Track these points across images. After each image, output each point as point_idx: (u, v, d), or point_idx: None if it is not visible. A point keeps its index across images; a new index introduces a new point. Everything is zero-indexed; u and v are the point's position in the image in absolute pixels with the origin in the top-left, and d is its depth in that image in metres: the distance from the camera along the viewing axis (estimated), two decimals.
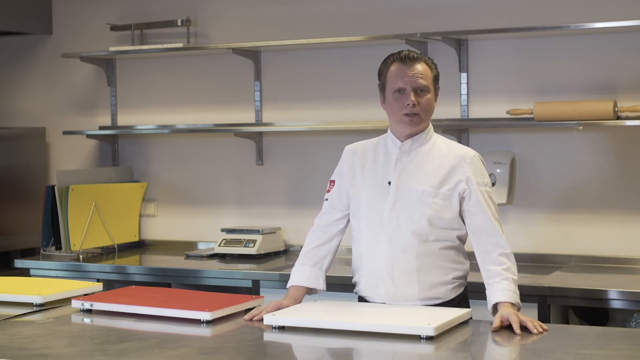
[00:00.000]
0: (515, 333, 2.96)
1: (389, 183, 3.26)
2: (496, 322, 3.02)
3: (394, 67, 3.26)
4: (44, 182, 5.62)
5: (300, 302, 3.34)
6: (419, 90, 3.22)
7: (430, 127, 3.34)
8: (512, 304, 3.11)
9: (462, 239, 3.32)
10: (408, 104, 3.20)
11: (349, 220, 3.42)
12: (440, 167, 3.25)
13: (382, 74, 3.31)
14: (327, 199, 3.45)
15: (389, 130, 3.35)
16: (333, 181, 3.44)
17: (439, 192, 3.22)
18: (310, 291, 3.41)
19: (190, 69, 5.39)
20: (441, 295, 3.25)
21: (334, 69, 5.03)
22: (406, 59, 3.25)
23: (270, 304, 3.25)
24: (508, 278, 3.15)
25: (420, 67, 3.24)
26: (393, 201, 3.25)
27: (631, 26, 4.23)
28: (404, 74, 3.23)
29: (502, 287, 3.14)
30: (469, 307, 3.24)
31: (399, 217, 3.23)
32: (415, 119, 3.23)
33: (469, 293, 3.39)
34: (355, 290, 3.40)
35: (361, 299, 3.38)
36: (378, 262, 3.26)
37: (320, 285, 3.39)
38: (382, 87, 3.30)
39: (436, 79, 3.29)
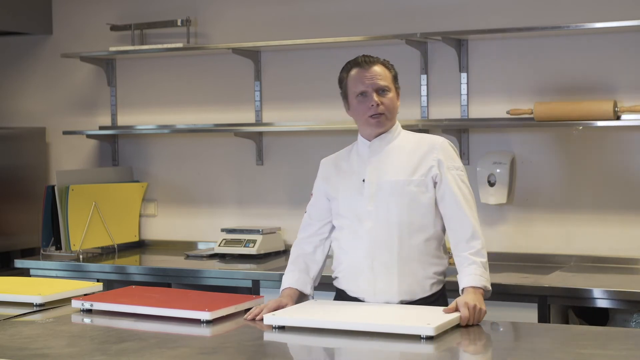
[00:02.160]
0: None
1: (364, 180, 3.34)
2: (451, 308, 3.05)
3: (353, 73, 3.36)
4: (44, 182, 5.62)
5: (295, 301, 3.36)
6: (381, 91, 3.31)
7: (398, 124, 3.42)
8: (477, 288, 3.15)
9: (444, 230, 3.36)
10: (372, 105, 3.29)
11: (330, 229, 3.48)
12: (411, 157, 3.33)
13: (342, 81, 3.41)
14: (306, 211, 3.53)
15: (358, 136, 3.44)
16: (312, 194, 3.53)
17: (413, 180, 3.29)
18: (301, 299, 3.42)
19: (190, 69, 5.39)
20: (419, 290, 3.29)
21: (334, 69, 4.98)
22: (363, 63, 3.35)
23: (269, 303, 3.25)
24: (476, 262, 3.21)
25: (377, 68, 3.34)
26: (369, 196, 3.31)
27: (631, 26, 4.23)
28: (363, 77, 3.32)
29: (468, 271, 3.20)
30: (447, 305, 3.26)
31: (378, 210, 3.29)
32: (381, 119, 3.32)
33: (449, 292, 3.42)
34: (334, 283, 3.44)
35: (339, 293, 3.41)
36: (358, 256, 3.32)
37: (308, 290, 3.43)
38: (345, 95, 3.41)
39: (395, 78, 3.38)
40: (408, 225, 3.27)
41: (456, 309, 3.04)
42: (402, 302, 3.27)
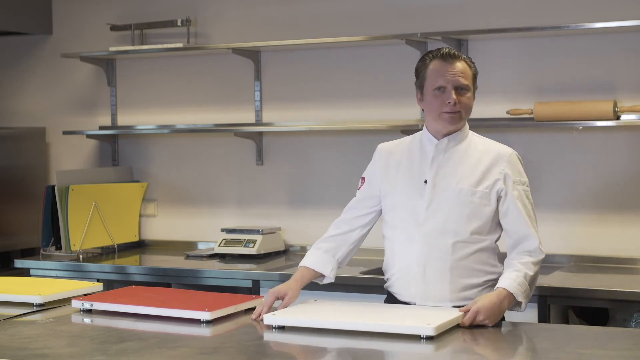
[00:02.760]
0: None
1: (425, 182, 3.24)
2: (467, 306, 3.03)
3: (433, 65, 3.24)
4: (44, 182, 5.62)
5: (303, 283, 3.32)
6: (460, 89, 3.20)
7: (467, 125, 3.32)
8: (508, 293, 3.09)
9: (498, 241, 3.30)
10: (449, 102, 3.19)
11: (373, 217, 3.41)
12: (478, 165, 3.23)
13: (420, 71, 3.29)
14: (355, 195, 3.44)
15: (424, 129, 3.33)
16: (364, 178, 3.43)
17: (477, 191, 3.20)
18: (321, 278, 3.38)
19: (190, 69, 5.39)
20: (472, 296, 3.21)
21: (334, 69, 5.03)
22: (447, 57, 3.22)
23: (268, 297, 3.22)
24: (520, 270, 3.15)
25: (460, 65, 3.22)
26: (429, 200, 3.22)
27: (631, 26, 4.23)
28: (445, 71, 3.20)
29: (509, 275, 3.14)
30: None
31: (436, 216, 3.21)
32: (455, 117, 3.21)
33: None
34: (385, 286, 3.38)
35: (390, 296, 3.36)
36: (410, 261, 3.24)
37: (328, 271, 3.36)
38: (420, 85, 3.28)
39: (475, 77, 3.27)
40: (465, 234, 3.19)
41: (467, 308, 3.02)
42: (454, 307, 3.18)
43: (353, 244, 3.42)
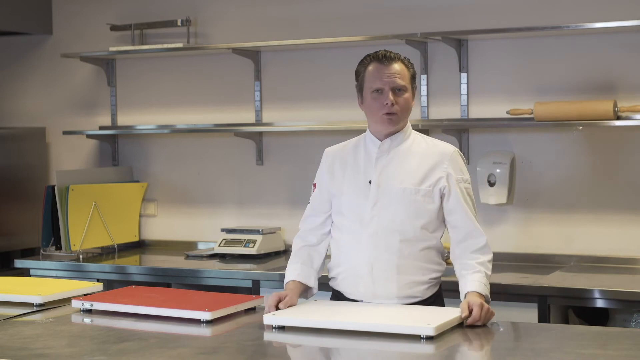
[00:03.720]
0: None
1: (370, 182, 3.29)
2: (465, 309, 3.04)
3: (371, 67, 3.29)
4: (44, 182, 5.62)
5: (298, 294, 3.33)
6: (397, 90, 3.25)
7: (409, 125, 3.38)
8: (481, 295, 3.15)
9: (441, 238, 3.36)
10: (387, 104, 3.24)
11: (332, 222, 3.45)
12: (421, 164, 3.29)
13: (359, 74, 3.35)
14: (309, 202, 3.49)
15: (367, 130, 3.39)
16: (315, 184, 3.49)
17: (420, 189, 3.26)
18: (306, 292, 3.40)
19: (190, 69, 5.39)
20: (419, 294, 3.28)
21: (334, 69, 5.03)
22: (383, 59, 3.27)
23: (271, 296, 3.23)
24: (481, 271, 3.21)
25: (397, 66, 3.27)
26: (374, 200, 3.27)
27: (631, 26, 4.23)
28: (381, 74, 3.26)
29: (474, 278, 3.20)
30: (443, 305, 3.32)
31: (380, 215, 3.26)
32: (394, 118, 3.27)
33: (445, 292, 3.42)
34: (331, 284, 3.42)
35: (336, 294, 3.40)
36: (358, 260, 3.29)
37: (311, 282, 3.39)
38: (360, 88, 3.35)
39: (413, 78, 3.32)
40: (410, 233, 3.25)
41: (468, 307, 3.04)
42: (403, 304, 3.26)
43: (323, 254, 3.46)
